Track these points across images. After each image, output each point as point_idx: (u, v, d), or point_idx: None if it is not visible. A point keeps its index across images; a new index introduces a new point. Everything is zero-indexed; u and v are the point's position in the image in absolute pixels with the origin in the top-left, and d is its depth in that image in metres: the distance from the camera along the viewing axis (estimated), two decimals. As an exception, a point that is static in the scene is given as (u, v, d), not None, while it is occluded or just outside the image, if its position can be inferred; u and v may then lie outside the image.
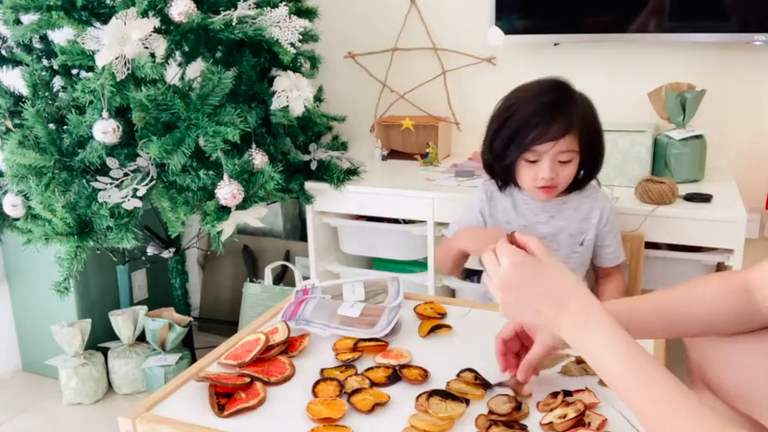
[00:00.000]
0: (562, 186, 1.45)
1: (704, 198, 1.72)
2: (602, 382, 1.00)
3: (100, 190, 1.65)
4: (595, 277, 1.63)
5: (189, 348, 2.18)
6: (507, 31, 2.12)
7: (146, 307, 2.16)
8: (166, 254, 2.12)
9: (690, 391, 0.73)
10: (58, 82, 1.79)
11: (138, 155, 1.69)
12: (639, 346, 0.77)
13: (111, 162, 1.66)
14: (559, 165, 1.41)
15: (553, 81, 1.43)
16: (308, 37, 1.88)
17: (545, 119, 1.37)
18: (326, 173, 2.04)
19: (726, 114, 2.06)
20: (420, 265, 2.13)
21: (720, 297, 0.92)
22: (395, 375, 1.04)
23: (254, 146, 1.76)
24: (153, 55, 1.57)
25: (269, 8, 1.74)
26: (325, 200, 2.08)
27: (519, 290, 0.83)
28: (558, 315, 0.81)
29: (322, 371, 1.07)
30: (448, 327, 1.20)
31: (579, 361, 1.06)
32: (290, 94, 1.80)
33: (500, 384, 1.01)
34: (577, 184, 1.50)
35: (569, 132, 1.38)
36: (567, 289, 0.82)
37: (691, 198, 1.73)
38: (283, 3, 1.75)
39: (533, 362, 0.98)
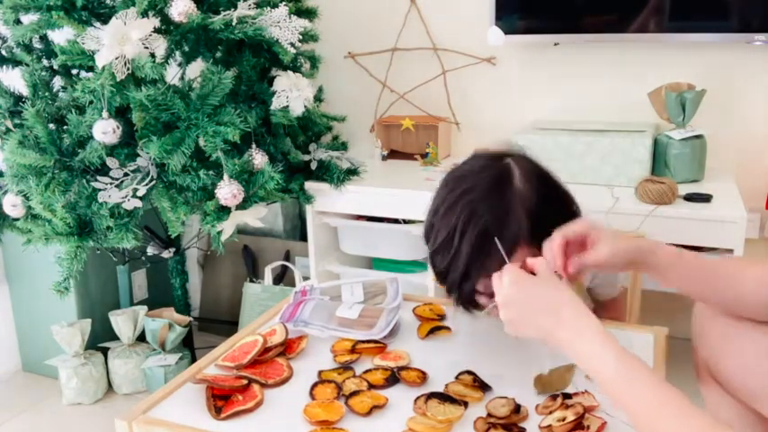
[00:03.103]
0: None
1: (704, 198, 1.71)
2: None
3: (100, 190, 1.65)
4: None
5: (189, 348, 2.18)
6: (507, 31, 2.11)
7: (146, 307, 2.15)
8: (166, 254, 2.12)
9: (679, 392, 0.75)
10: (58, 82, 1.78)
11: (138, 155, 1.69)
12: (628, 352, 0.80)
13: (111, 162, 1.66)
14: None
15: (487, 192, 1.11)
16: (308, 37, 1.88)
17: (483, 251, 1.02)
18: (326, 173, 2.03)
19: (726, 114, 2.05)
20: (420, 265, 2.13)
21: None
22: (393, 377, 1.03)
23: (254, 146, 1.76)
24: (153, 55, 1.57)
25: (269, 8, 1.73)
26: (325, 200, 2.07)
27: (518, 306, 0.89)
28: (554, 327, 0.86)
29: (320, 373, 1.07)
30: (447, 328, 1.20)
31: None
32: (290, 94, 1.79)
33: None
34: None
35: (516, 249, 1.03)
36: (560, 301, 0.87)
37: (691, 198, 1.73)
38: (283, 3, 1.75)
39: (588, 263, 0.97)
